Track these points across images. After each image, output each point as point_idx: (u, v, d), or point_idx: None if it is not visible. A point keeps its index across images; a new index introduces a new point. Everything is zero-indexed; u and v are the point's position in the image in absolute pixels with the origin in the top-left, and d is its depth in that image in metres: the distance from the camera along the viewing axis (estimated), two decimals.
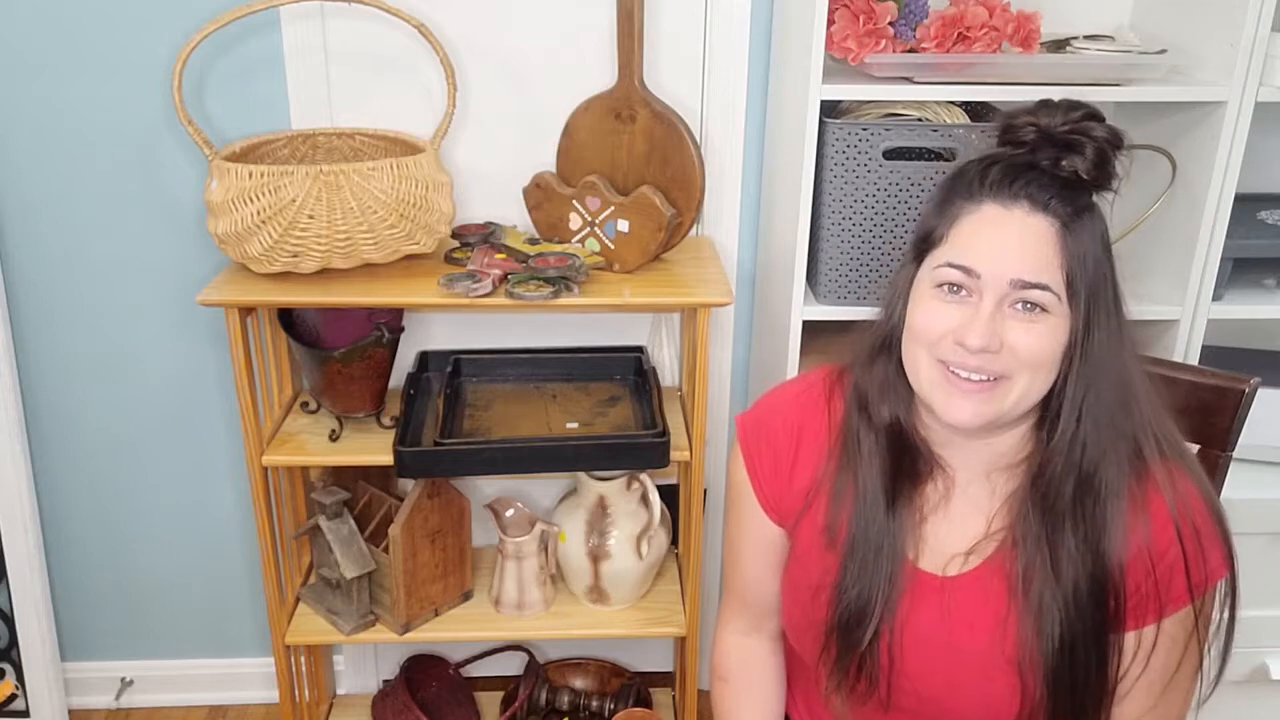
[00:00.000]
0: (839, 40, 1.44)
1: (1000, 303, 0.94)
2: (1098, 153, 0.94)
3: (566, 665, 2.03)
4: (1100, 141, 0.94)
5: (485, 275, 1.51)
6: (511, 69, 1.69)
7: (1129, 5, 1.66)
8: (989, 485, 1.04)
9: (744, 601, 1.21)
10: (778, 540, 1.14)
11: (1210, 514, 0.99)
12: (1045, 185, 0.94)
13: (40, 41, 1.63)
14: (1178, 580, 0.97)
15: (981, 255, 0.94)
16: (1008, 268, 0.93)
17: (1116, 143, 0.95)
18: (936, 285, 0.97)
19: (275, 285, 1.51)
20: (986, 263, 0.94)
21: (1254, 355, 1.73)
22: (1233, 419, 1.19)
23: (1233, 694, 1.70)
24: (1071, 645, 0.97)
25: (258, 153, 1.60)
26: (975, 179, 0.96)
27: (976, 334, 0.93)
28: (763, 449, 1.12)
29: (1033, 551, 0.98)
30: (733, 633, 1.24)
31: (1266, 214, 1.66)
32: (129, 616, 2.02)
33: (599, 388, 1.75)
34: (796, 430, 1.11)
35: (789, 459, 1.10)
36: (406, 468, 1.56)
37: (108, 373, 1.83)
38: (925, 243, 1.00)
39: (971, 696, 1.03)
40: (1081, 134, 0.94)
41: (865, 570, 1.03)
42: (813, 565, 1.08)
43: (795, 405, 1.13)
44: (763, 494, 1.12)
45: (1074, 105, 0.95)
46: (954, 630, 1.02)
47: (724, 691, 1.24)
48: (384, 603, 1.66)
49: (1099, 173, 0.95)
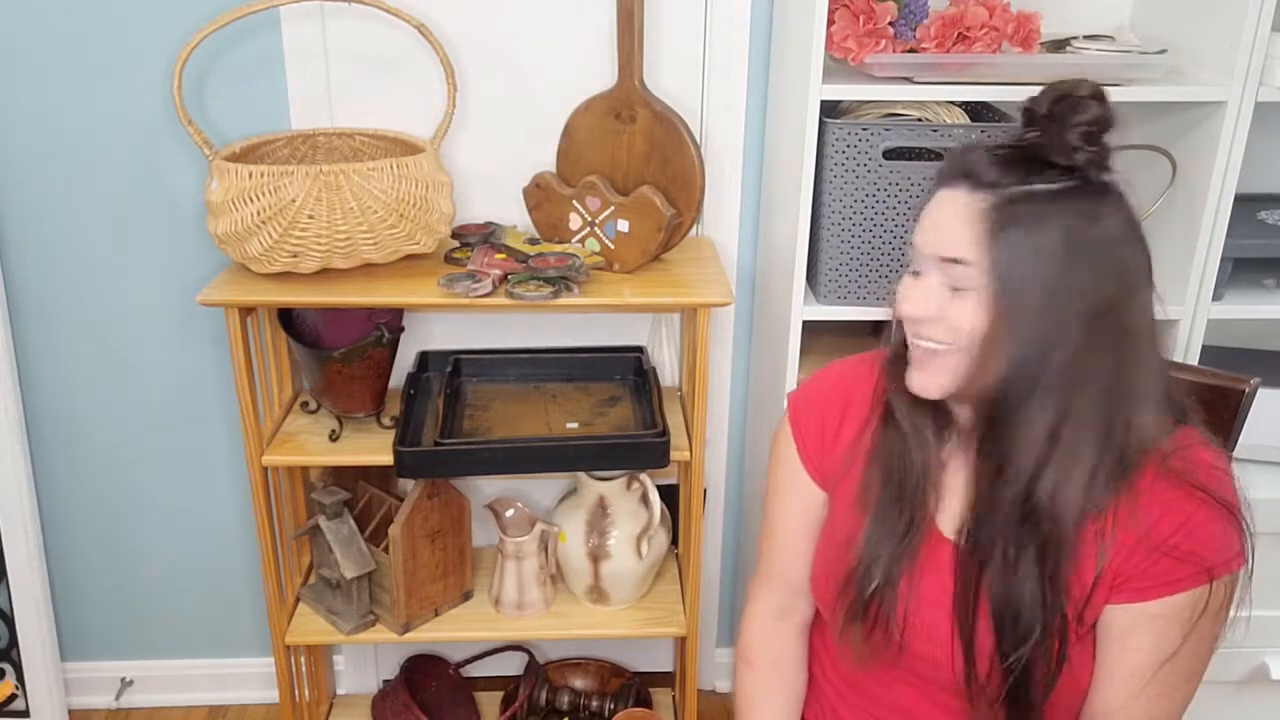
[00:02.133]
0: (839, 40, 1.44)
1: (942, 280, 0.97)
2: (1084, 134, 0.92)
3: (566, 665, 2.03)
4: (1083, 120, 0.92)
5: (485, 275, 1.51)
6: (511, 69, 1.69)
7: (1129, 5, 1.66)
8: None
9: (780, 579, 1.21)
10: (819, 506, 1.17)
11: (1227, 508, 0.97)
12: (998, 163, 0.94)
13: (40, 41, 1.63)
14: (1165, 568, 0.96)
15: (920, 234, 0.99)
16: (930, 243, 0.97)
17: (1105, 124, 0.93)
18: (910, 271, 1.02)
19: (275, 285, 1.51)
20: (921, 240, 0.99)
21: (1254, 355, 1.73)
22: (1233, 419, 1.19)
23: (1233, 694, 1.70)
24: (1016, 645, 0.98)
25: (258, 153, 1.60)
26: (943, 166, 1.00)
27: (908, 301, 0.98)
28: (811, 417, 1.16)
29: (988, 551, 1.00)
30: (762, 615, 1.24)
31: (1266, 214, 1.66)
32: (129, 616, 2.02)
33: (599, 388, 1.75)
34: (843, 396, 1.15)
35: (835, 422, 1.15)
36: (406, 468, 1.56)
37: (107, 373, 1.83)
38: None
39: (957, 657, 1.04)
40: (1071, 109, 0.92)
41: (890, 514, 1.06)
42: (846, 523, 1.11)
43: (845, 377, 1.17)
44: (808, 457, 1.16)
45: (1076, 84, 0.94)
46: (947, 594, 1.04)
47: (747, 675, 1.24)
48: (384, 603, 1.66)
49: (1057, 141, 0.92)
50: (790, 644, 1.23)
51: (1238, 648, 1.65)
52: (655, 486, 1.64)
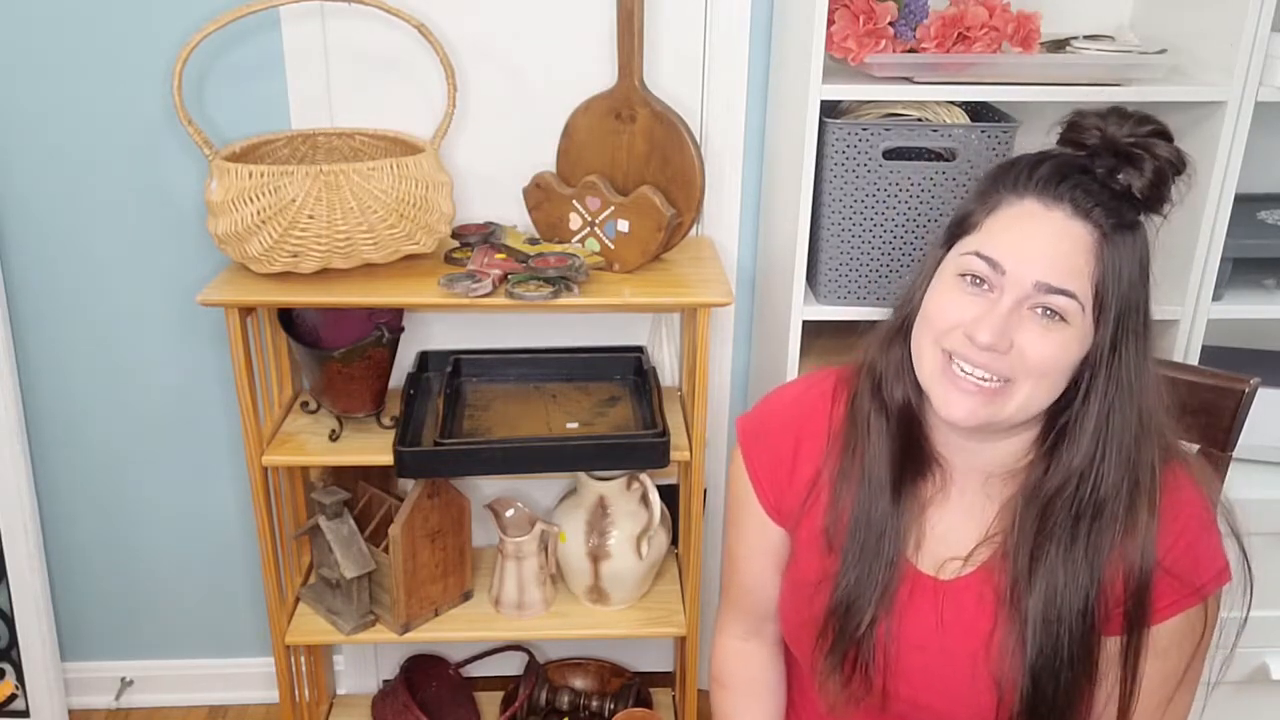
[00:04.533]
0: (839, 40, 1.44)
1: (1020, 303, 0.91)
2: (1156, 171, 0.91)
3: (566, 665, 2.02)
4: (1162, 160, 0.90)
5: (485, 275, 1.51)
6: (511, 69, 1.69)
7: (1129, 5, 1.66)
8: (986, 491, 1.03)
9: (742, 607, 1.20)
10: (779, 541, 1.13)
11: (1208, 524, 0.97)
12: (1094, 192, 0.91)
13: (40, 42, 1.63)
14: (1166, 592, 0.96)
15: (1010, 250, 0.91)
16: (1034, 268, 0.90)
17: (1179, 166, 0.92)
18: (960, 274, 0.94)
19: (275, 285, 1.51)
20: (1014, 259, 0.91)
21: (1254, 355, 1.73)
22: (1233, 419, 1.19)
23: (1233, 694, 1.70)
24: (1054, 661, 0.96)
25: (258, 153, 1.60)
26: (1024, 171, 0.93)
27: (987, 329, 0.90)
28: (762, 451, 1.11)
29: (1023, 565, 0.97)
30: (731, 638, 1.22)
31: (1266, 214, 1.66)
32: (129, 616, 2.02)
33: (599, 388, 1.75)
34: (795, 431, 1.10)
35: (789, 460, 1.10)
36: (406, 468, 1.56)
37: (107, 373, 1.83)
38: (959, 227, 0.97)
39: (960, 702, 1.02)
40: (1145, 149, 0.90)
41: (865, 555, 1.02)
42: (812, 565, 1.08)
43: (794, 407, 1.12)
44: (764, 495, 1.12)
45: (1145, 119, 0.92)
46: (947, 635, 1.02)
47: (723, 697, 1.23)
48: (384, 603, 1.66)
49: (1153, 192, 0.91)
50: (764, 662, 1.22)
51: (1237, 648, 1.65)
52: (655, 486, 1.64)
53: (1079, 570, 0.95)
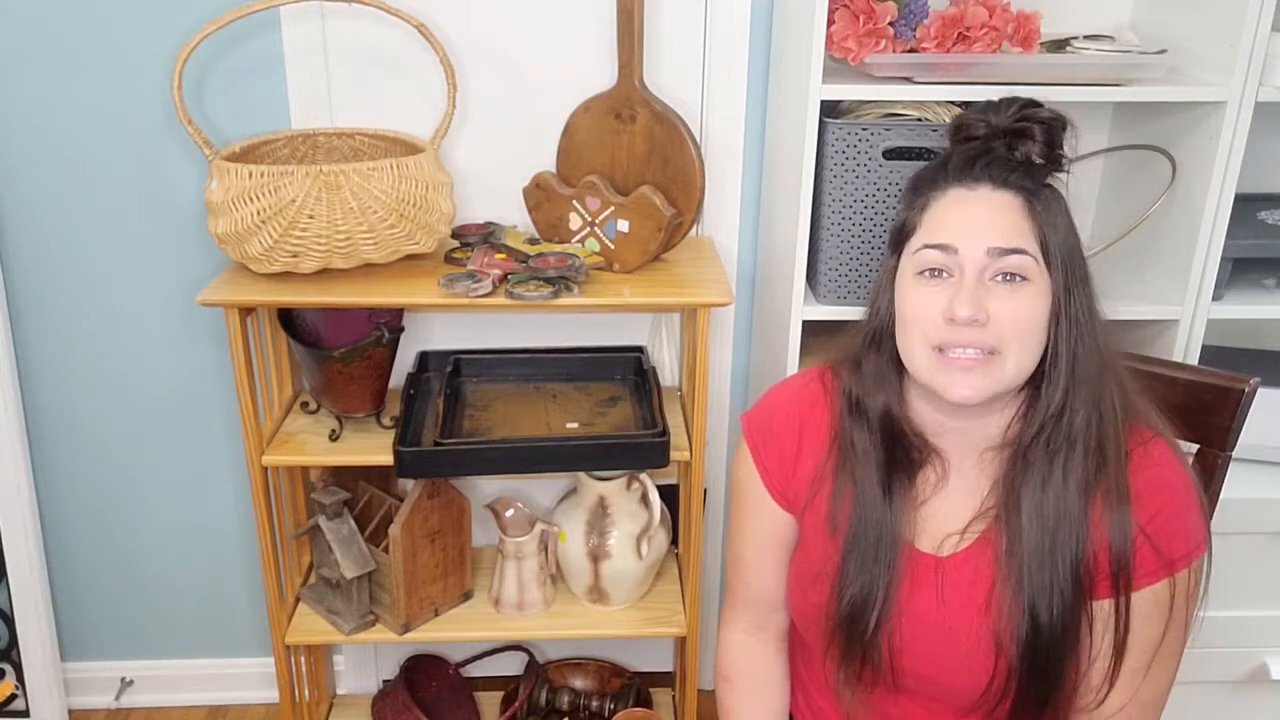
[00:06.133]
0: (839, 40, 1.44)
1: (981, 275, 0.98)
2: (1046, 133, 1.00)
3: (566, 665, 2.03)
4: (1046, 123, 1.00)
5: (485, 275, 1.51)
6: (511, 69, 1.69)
7: (1129, 5, 1.66)
8: (980, 465, 1.07)
9: (747, 600, 1.22)
10: (786, 529, 1.16)
11: (1189, 491, 1.01)
12: (1004, 165, 1.00)
13: (40, 41, 1.63)
14: (1148, 557, 0.99)
15: (955, 231, 0.99)
16: (982, 238, 0.98)
17: (1060, 124, 1.01)
18: (918, 272, 1.01)
19: (275, 285, 1.51)
20: (961, 237, 0.98)
21: (1254, 355, 1.73)
22: (1233, 419, 1.19)
23: (1233, 694, 1.70)
24: (1049, 613, 0.99)
25: (258, 153, 1.60)
26: (938, 170, 1.03)
27: (962, 303, 0.97)
28: (768, 441, 1.15)
29: (1013, 508, 1.01)
30: (736, 633, 1.25)
31: (1266, 214, 1.66)
32: (129, 616, 2.02)
33: (599, 388, 1.75)
34: (799, 422, 1.14)
35: (793, 449, 1.14)
36: (406, 468, 1.56)
37: (107, 373, 1.83)
38: (900, 234, 1.05)
39: (963, 671, 1.04)
40: (1027, 120, 1.00)
41: (866, 563, 1.06)
42: (816, 551, 1.11)
43: (796, 399, 1.16)
44: (771, 482, 1.15)
45: (1013, 100, 1.02)
46: (949, 608, 1.04)
47: (728, 691, 1.25)
48: (384, 603, 1.66)
49: (1049, 154, 1.01)
50: (768, 655, 1.24)
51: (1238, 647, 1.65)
52: (655, 486, 1.64)
53: (1062, 503, 0.99)
